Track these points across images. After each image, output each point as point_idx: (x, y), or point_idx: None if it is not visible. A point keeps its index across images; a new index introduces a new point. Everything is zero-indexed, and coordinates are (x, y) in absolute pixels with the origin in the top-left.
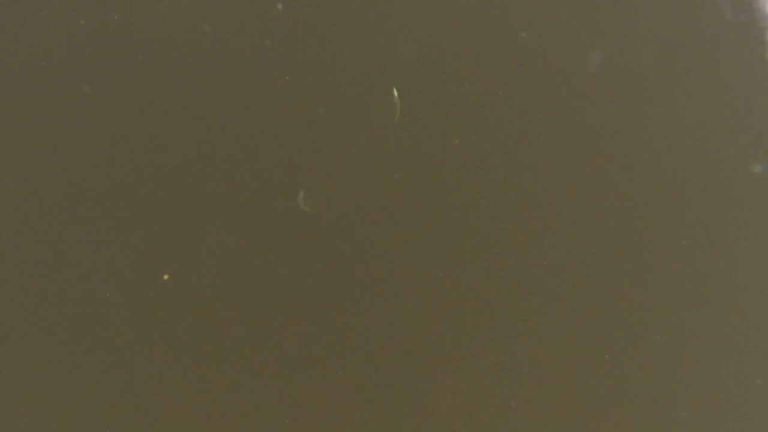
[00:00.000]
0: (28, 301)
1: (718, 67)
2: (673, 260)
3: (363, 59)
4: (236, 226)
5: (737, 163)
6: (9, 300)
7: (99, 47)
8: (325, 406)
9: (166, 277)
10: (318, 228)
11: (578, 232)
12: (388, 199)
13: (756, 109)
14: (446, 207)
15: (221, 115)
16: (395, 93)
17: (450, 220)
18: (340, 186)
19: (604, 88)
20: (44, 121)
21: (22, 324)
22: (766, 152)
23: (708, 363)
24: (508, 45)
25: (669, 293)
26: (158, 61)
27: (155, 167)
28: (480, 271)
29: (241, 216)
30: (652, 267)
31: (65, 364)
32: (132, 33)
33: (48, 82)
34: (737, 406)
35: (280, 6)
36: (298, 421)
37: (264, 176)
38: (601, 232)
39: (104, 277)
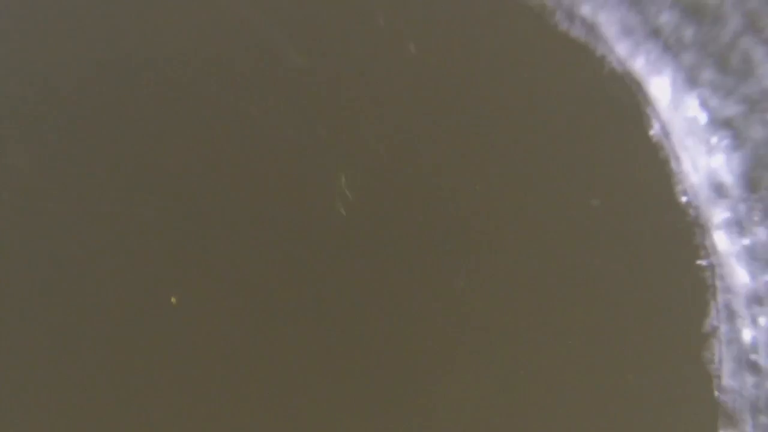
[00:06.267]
0: (35, 325)
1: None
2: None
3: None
4: (237, 229)
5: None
6: (13, 319)
7: (106, 52)
8: (325, 409)
9: (174, 300)
10: (317, 232)
11: (576, 234)
12: (387, 202)
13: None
14: (445, 208)
15: (228, 125)
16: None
17: (450, 222)
18: (334, 192)
19: (602, 88)
20: (52, 137)
21: (27, 349)
22: None
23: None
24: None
25: (668, 291)
26: (170, 67)
27: (165, 186)
28: (479, 270)
29: (242, 224)
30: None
31: (74, 385)
32: (140, 34)
33: (53, 90)
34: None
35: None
36: (298, 423)
37: (268, 191)
38: (598, 236)
39: (114, 300)
